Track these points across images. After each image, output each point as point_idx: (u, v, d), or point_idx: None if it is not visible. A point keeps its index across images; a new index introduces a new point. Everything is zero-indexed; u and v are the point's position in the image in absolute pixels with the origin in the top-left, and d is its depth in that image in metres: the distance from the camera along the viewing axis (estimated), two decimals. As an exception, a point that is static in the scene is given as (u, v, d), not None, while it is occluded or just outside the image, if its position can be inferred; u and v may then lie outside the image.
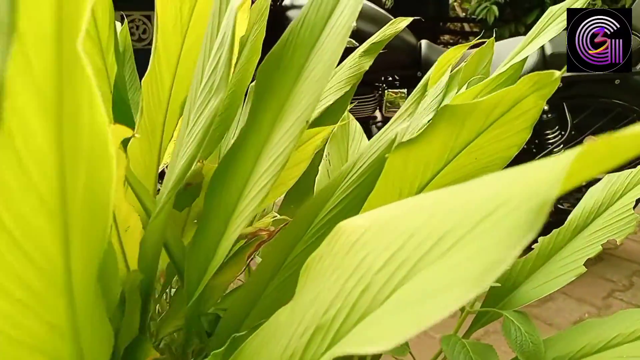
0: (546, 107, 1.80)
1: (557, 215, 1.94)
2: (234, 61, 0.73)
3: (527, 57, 0.61)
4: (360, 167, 0.50)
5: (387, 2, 1.51)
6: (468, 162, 0.44)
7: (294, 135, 0.42)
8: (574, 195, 1.90)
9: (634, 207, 0.67)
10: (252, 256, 0.52)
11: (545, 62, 1.76)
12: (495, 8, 4.49)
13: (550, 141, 1.86)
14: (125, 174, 0.43)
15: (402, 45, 1.84)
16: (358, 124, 0.87)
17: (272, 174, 0.43)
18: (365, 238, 0.24)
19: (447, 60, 0.88)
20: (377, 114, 2.01)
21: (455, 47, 0.87)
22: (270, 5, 1.79)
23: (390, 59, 1.84)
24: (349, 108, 0.89)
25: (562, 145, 1.87)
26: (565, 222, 0.70)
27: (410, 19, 0.99)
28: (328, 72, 0.43)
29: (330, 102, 0.92)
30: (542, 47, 1.78)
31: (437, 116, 0.42)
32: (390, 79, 1.91)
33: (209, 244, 0.47)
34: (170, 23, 0.57)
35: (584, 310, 1.80)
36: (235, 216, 0.46)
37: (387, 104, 1.88)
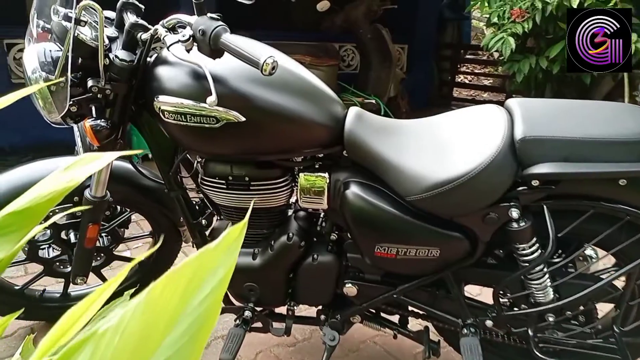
0: (515, 214, 1.24)
1: None
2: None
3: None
4: None
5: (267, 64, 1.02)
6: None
7: None
8: None
9: None
10: None
11: (513, 149, 1.21)
12: (511, 40, 3.87)
13: (525, 258, 1.29)
14: None
15: (322, 117, 1.33)
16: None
17: None
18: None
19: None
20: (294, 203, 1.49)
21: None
22: (139, 61, 1.31)
23: (304, 136, 1.33)
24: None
25: (543, 266, 1.30)
26: None
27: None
28: None
29: None
30: (512, 130, 1.23)
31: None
32: (308, 158, 1.39)
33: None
34: None
35: None
36: None
37: (302, 192, 1.37)
